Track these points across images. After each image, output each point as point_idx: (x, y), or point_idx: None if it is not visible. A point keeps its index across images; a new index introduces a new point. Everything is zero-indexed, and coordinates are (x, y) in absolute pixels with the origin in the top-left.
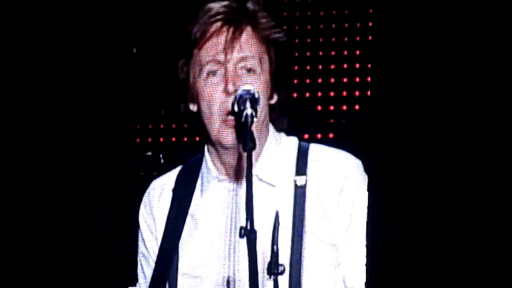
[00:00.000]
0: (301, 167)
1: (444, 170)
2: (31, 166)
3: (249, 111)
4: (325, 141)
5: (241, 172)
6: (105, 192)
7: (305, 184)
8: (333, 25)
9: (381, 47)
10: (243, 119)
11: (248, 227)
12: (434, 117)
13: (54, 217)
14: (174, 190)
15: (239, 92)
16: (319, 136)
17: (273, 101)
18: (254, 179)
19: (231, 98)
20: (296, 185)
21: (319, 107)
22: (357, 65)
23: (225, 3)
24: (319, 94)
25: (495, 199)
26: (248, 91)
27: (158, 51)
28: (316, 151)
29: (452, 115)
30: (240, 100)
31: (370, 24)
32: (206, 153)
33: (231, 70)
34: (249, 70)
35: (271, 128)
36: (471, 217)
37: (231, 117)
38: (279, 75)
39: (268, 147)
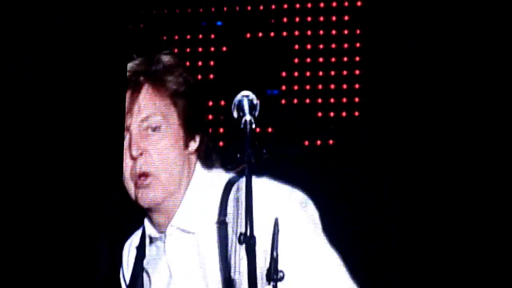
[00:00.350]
0: (224, 204)
1: (445, 173)
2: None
3: (247, 117)
4: (325, 148)
5: (161, 226)
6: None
7: (227, 225)
8: (333, 31)
9: (380, 52)
10: (241, 126)
11: (248, 233)
12: (434, 121)
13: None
14: (137, 248)
15: (238, 98)
16: (319, 142)
17: (193, 147)
18: (175, 231)
19: (137, 164)
20: (217, 225)
21: (319, 114)
22: (357, 72)
23: (131, 64)
24: (319, 100)
25: (496, 201)
26: (247, 97)
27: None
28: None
29: (451, 118)
30: (238, 106)
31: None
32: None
33: (135, 133)
34: (155, 128)
35: (198, 169)
36: (473, 220)
37: (142, 178)
38: (191, 121)
39: (189, 193)
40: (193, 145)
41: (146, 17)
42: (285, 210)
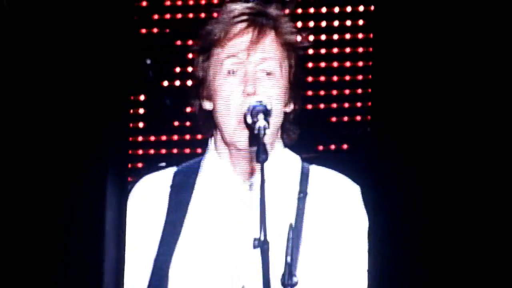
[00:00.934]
0: (303, 185)
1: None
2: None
3: (262, 123)
4: (339, 153)
5: (253, 174)
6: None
7: (306, 199)
8: (348, 36)
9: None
10: (256, 131)
11: (262, 238)
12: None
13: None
14: (171, 187)
15: (252, 103)
16: (333, 147)
17: (288, 109)
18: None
19: (247, 102)
20: (299, 198)
21: (333, 119)
22: (370, 76)
23: (249, 4)
24: (333, 105)
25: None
26: (260, 103)
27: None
28: (317, 172)
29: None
30: (253, 112)
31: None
32: (213, 153)
33: (251, 72)
34: (269, 74)
35: (278, 139)
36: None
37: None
38: (297, 82)
39: (275, 155)
40: (289, 107)
41: (160, 23)
42: (356, 210)
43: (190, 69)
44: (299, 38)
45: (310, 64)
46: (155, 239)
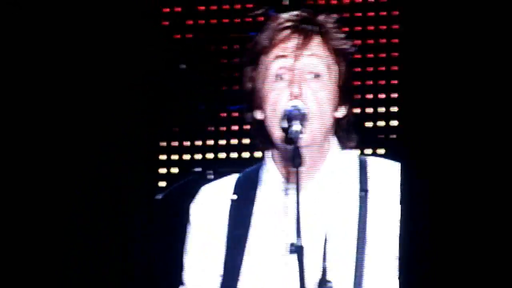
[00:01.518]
0: (363, 181)
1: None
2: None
3: (297, 127)
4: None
5: (306, 175)
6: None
7: (367, 195)
8: (384, 40)
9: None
10: (290, 135)
11: (298, 243)
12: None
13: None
14: (232, 199)
15: (287, 108)
16: (369, 152)
17: (339, 114)
18: (315, 186)
19: (295, 100)
20: (360, 197)
21: (368, 123)
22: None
23: (294, 12)
24: (369, 110)
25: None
26: (295, 107)
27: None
28: (374, 164)
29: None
30: (288, 116)
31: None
32: (269, 160)
33: (298, 75)
34: (317, 76)
35: (335, 141)
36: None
37: None
38: (348, 87)
39: (330, 158)
40: (341, 112)
41: (193, 28)
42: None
43: (224, 74)
44: (347, 43)
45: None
46: (219, 255)
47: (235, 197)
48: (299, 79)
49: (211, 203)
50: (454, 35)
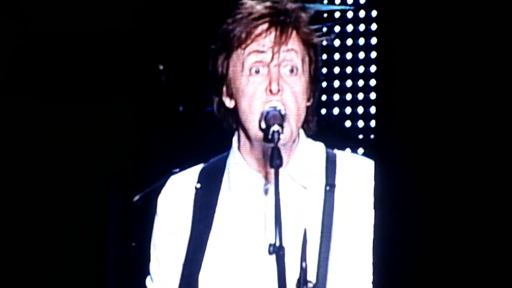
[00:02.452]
0: (330, 174)
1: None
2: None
3: (276, 127)
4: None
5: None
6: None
7: (334, 190)
8: (361, 41)
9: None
10: (270, 136)
11: (277, 243)
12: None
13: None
14: (197, 188)
15: (266, 109)
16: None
17: (309, 103)
18: (287, 179)
19: (273, 97)
20: (326, 191)
21: (347, 123)
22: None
23: (267, 4)
24: (348, 110)
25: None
26: (274, 108)
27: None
28: (344, 158)
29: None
30: (267, 117)
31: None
32: (236, 150)
33: (274, 70)
34: (292, 71)
35: (301, 130)
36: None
37: None
38: (317, 76)
39: (299, 149)
40: (311, 101)
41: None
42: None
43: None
44: (317, 34)
45: (324, 70)
46: (183, 245)
47: (199, 185)
48: (276, 76)
49: (176, 193)
50: (433, 35)
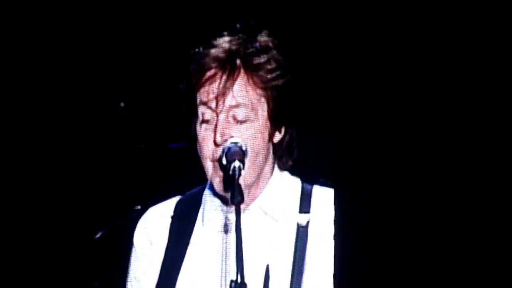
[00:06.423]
0: (304, 206)
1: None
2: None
3: (236, 163)
4: None
5: (247, 198)
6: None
7: (308, 224)
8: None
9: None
10: (230, 172)
11: (239, 279)
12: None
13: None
14: (173, 218)
15: (227, 145)
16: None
17: (276, 139)
18: (257, 211)
19: (219, 149)
20: (298, 224)
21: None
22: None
23: (226, 45)
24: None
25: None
26: (235, 144)
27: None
28: (320, 192)
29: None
30: (228, 153)
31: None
32: (210, 183)
33: (221, 120)
34: (238, 120)
35: (276, 165)
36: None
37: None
38: (280, 114)
39: (272, 182)
40: (278, 137)
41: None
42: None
43: None
44: (278, 75)
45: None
46: (156, 273)
47: (174, 215)
48: (222, 126)
49: (151, 225)
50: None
